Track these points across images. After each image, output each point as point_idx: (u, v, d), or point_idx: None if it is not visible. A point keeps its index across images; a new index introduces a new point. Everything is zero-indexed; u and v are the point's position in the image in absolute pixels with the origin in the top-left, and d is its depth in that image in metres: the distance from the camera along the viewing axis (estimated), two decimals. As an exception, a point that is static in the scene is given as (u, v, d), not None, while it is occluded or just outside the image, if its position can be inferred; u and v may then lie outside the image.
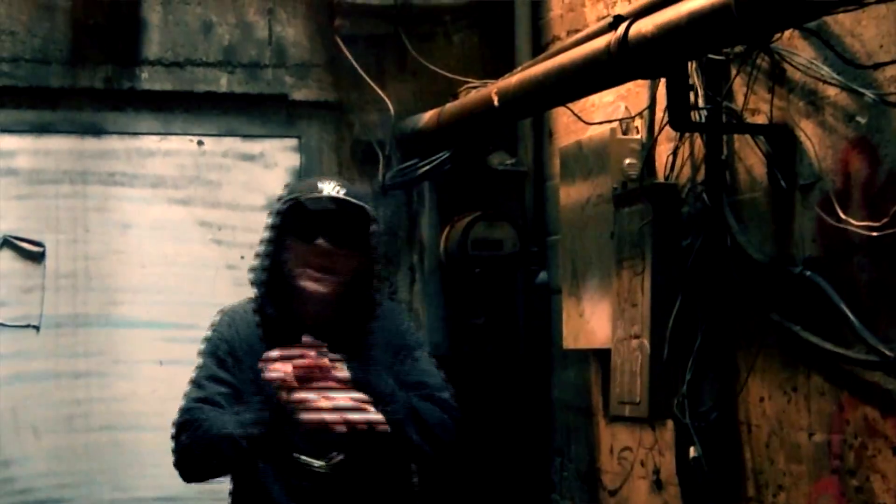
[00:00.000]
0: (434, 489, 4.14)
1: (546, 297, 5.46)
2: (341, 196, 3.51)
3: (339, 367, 3.40)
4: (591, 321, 4.76)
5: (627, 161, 4.52)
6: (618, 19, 3.88)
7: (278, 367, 3.35)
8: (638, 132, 4.60)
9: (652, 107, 4.50)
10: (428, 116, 5.64)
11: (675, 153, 4.30)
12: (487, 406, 5.55)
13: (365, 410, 3.34)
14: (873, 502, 3.33)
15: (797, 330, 3.63)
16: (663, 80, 4.11)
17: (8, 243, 5.85)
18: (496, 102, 4.87)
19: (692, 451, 4.11)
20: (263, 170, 6.10)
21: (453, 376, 3.72)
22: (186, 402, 3.55)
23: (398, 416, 3.42)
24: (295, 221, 3.53)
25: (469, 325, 5.66)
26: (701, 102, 4.03)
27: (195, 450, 3.47)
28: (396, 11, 5.91)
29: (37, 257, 5.87)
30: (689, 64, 3.98)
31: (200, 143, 6.07)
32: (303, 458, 3.46)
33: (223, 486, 5.78)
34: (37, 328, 5.86)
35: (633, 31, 3.76)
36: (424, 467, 3.78)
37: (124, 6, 5.87)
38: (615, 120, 4.70)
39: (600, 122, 4.79)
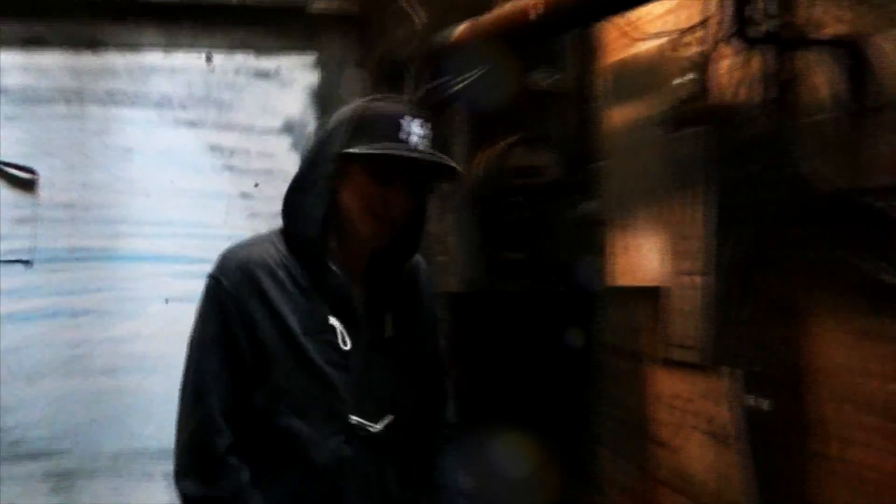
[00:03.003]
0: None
1: (591, 230, 5.44)
2: (436, 158, 3.29)
3: None
4: (641, 256, 4.83)
5: (680, 80, 4.53)
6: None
7: None
8: (692, 49, 4.58)
9: (708, 21, 4.44)
10: (460, 30, 5.54)
11: (733, 72, 4.26)
12: (526, 350, 5.56)
13: None
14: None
15: (869, 267, 3.56)
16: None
17: (-4, 169, 5.76)
18: (536, 14, 4.82)
19: (752, 401, 4.14)
20: (280, 89, 6.04)
21: (489, 315, 3.66)
22: (190, 419, 3.07)
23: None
24: (372, 160, 3.29)
25: (506, 261, 5.72)
26: (763, 15, 3.97)
27: None
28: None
29: (29, 185, 5.83)
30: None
31: (209, 58, 6.02)
32: (356, 419, 3.42)
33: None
34: (28, 263, 5.83)
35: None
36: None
37: None
38: (667, 34, 4.69)
39: (651, 37, 4.80)
